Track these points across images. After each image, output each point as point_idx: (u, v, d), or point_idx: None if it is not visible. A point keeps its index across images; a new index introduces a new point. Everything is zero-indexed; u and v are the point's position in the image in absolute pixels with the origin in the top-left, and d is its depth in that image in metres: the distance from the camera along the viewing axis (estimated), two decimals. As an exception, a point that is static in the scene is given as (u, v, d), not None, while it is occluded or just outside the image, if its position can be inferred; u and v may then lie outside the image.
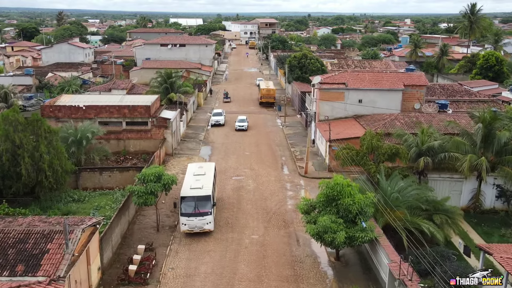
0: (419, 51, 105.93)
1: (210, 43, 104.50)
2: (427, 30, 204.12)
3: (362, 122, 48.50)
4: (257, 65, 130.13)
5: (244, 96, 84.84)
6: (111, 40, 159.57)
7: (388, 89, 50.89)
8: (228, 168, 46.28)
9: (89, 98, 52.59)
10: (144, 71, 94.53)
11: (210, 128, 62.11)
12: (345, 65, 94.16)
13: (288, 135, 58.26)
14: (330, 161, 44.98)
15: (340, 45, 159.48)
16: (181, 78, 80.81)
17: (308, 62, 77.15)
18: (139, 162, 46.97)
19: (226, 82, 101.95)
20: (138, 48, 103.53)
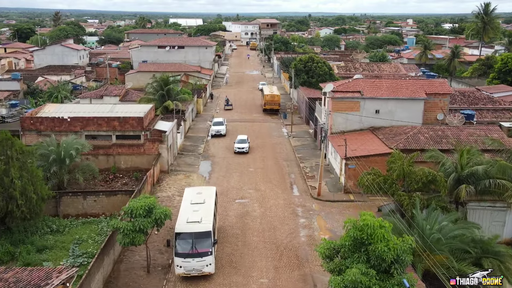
0: (429, 53, 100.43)
1: (210, 45, 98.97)
2: (432, 30, 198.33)
3: (380, 136, 42.99)
4: (259, 68, 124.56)
5: (246, 102, 79.28)
6: (108, 41, 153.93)
7: (409, 98, 45.40)
8: (231, 189, 40.77)
9: (76, 107, 47.06)
10: (140, 75, 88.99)
11: (210, 139, 56.57)
12: (352, 68, 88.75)
13: (296, 148, 52.73)
14: (346, 181, 39.47)
15: (344, 46, 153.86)
16: (179, 83, 75.46)
17: (315, 66, 71.62)
18: (130, 181, 41.49)
19: (227, 86, 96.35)
20: (135, 50, 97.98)
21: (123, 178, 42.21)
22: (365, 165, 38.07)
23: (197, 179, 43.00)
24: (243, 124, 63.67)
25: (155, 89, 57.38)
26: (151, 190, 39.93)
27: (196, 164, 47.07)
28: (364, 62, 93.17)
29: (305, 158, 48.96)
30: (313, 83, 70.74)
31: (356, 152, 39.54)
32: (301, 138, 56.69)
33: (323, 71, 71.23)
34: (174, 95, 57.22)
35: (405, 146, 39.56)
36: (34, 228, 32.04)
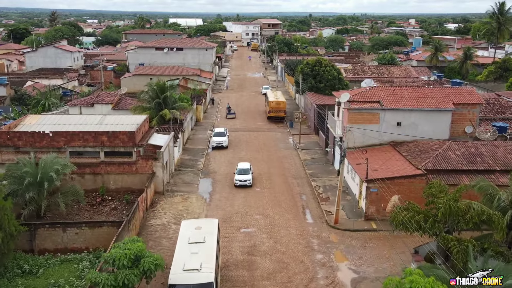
0: (440, 55, 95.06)
1: (211, 46, 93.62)
2: (437, 31, 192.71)
3: (404, 153, 37.67)
4: (261, 70, 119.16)
5: (249, 108, 73.93)
6: (105, 42, 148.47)
7: (435, 110, 40.07)
8: (235, 214, 35.44)
9: (60, 119, 41.69)
10: (137, 78, 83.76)
11: (211, 151, 51.23)
12: (360, 72, 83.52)
13: (306, 162, 47.40)
14: (368, 206, 34.15)
15: (348, 47, 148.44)
16: (177, 88, 70.14)
17: (322, 70, 66.28)
18: (120, 205, 36.16)
19: (228, 90, 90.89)
20: (131, 52, 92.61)
21: (112, 201, 36.85)
22: (390, 188, 32.88)
23: (197, 202, 37.66)
24: (247, 134, 58.36)
25: (150, 97, 52.02)
26: (143, 216, 34.60)
27: (195, 183, 41.70)
28: (373, 65, 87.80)
29: (316, 175, 43.63)
30: (321, 89, 65.47)
31: (379, 173, 34.22)
32: (310, 150, 51.35)
33: (332, 76, 65.93)
34: (171, 103, 51.88)
35: (434, 166, 34.35)
36: (2, 269, 26.78)
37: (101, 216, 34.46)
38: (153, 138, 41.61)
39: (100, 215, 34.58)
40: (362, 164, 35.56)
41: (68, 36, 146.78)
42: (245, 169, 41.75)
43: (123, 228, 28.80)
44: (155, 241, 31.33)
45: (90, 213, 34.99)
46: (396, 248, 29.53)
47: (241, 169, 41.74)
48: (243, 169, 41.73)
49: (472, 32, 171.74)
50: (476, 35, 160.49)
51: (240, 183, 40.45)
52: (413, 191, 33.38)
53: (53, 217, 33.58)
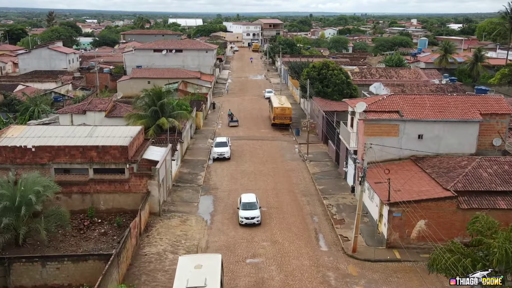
0: (450, 57, 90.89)
1: (211, 48, 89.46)
2: (441, 31, 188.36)
3: (428, 170, 33.57)
4: (263, 72, 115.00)
5: (252, 113, 69.79)
6: (102, 42, 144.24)
7: (460, 121, 35.97)
8: (239, 240, 31.35)
9: (46, 131, 37.46)
10: (134, 82, 79.77)
11: (212, 163, 47.13)
12: (368, 74, 79.48)
13: (315, 176, 43.29)
14: (390, 232, 30.05)
15: (351, 48, 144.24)
16: (176, 93, 66.07)
17: (330, 73, 62.19)
18: (111, 229, 32.09)
19: (229, 94, 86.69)
20: (128, 54, 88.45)
21: (102, 224, 32.75)
22: (415, 212, 28.81)
23: (196, 225, 33.55)
24: (250, 142, 54.25)
25: (146, 104, 47.91)
26: (136, 243, 30.50)
27: (195, 201, 37.57)
28: (380, 67, 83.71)
29: (328, 192, 39.52)
30: (329, 93, 61.39)
31: (402, 195, 30.13)
32: (319, 162, 47.22)
33: (340, 80, 61.85)
34: (169, 111, 47.78)
35: (465, 187, 30.29)
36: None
37: (88, 242, 30.43)
38: (148, 151, 37.51)
39: (88, 242, 30.54)
40: (383, 182, 31.57)
41: (65, 37, 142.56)
42: (250, 203, 34.23)
43: (112, 263, 24.72)
44: (149, 275, 27.26)
45: (77, 239, 30.92)
46: (427, 284, 25.48)
47: (245, 203, 34.20)
48: (249, 203, 34.20)
49: (477, 33, 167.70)
50: (482, 35, 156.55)
51: (246, 221, 33.10)
52: (442, 216, 29.40)
53: (34, 245, 29.59)
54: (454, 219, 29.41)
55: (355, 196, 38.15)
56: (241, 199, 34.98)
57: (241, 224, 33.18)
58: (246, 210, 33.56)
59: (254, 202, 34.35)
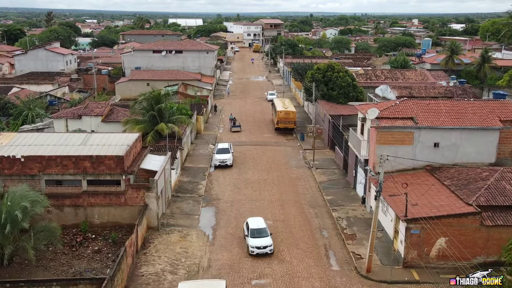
0: (456, 58, 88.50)
1: (212, 49, 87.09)
2: (444, 31, 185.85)
3: (446, 182, 31.20)
4: (264, 73, 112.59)
5: (254, 117, 67.40)
6: (101, 43, 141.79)
7: (480, 128, 33.60)
8: (244, 259, 28.95)
9: (38, 138, 35.06)
10: (133, 84, 77.47)
11: (213, 171, 44.76)
12: (373, 76, 77.09)
13: (322, 185, 40.91)
14: (407, 251, 27.66)
15: (354, 49, 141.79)
16: (176, 95, 63.72)
17: (335, 76, 59.84)
18: (105, 246, 29.72)
19: (230, 96, 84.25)
20: (127, 55, 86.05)
21: (96, 240, 30.38)
22: (435, 229, 26.44)
23: (197, 240, 31.17)
24: (253, 148, 51.88)
25: (145, 109, 45.53)
26: (133, 262, 28.14)
27: (196, 214, 35.18)
28: (386, 69, 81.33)
29: (337, 203, 37.15)
30: (334, 96, 59.05)
31: (420, 210, 27.77)
32: (326, 170, 44.83)
33: (346, 82, 59.51)
34: (168, 116, 45.40)
35: (488, 201, 27.94)
36: None
37: (81, 261, 28.06)
38: (146, 160, 35.13)
39: (80, 260, 28.17)
40: (397, 195, 29.25)
41: (63, 37, 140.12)
42: (260, 229, 29.63)
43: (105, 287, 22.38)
44: (146, 300, 24.91)
45: (68, 257, 28.55)
46: (450, 311, 23.11)
47: (254, 229, 29.55)
48: (258, 229, 29.58)
49: (480, 33, 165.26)
50: (486, 35, 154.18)
51: (258, 251, 28.56)
52: (464, 233, 27.05)
53: (21, 264, 27.22)
54: (477, 237, 27.08)
55: (366, 207, 35.81)
56: (248, 224, 30.48)
57: (251, 254, 28.90)
58: (256, 237, 29.11)
59: (265, 228, 30.04)
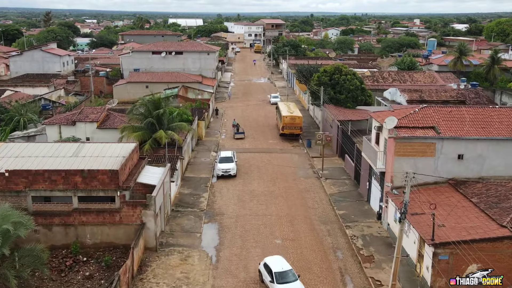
0: (465, 59, 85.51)
1: (213, 50, 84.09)
2: (447, 31, 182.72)
3: (473, 198, 28.21)
4: (266, 74, 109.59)
5: (257, 121, 64.39)
6: (100, 44, 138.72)
7: (508, 139, 30.63)
8: (251, 285, 25.96)
9: (25, 149, 32.05)
10: (131, 86, 74.63)
11: (216, 181, 41.78)
12: (380, 78, 74.25)
13: (333, 197, 37.93)
14: (435, 278, 24.68)
15: (357, 49, 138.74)
16: (176, 99, 60.82)
17: (343, 78, 56.93)
18: (98, 270, 26.75)
19: (232, 98, 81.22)
20: (125, 56, 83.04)
21: (87, 264, 27.40)
22: (466, 254, 23.45)
23: (200, 263, 28.18)
24: (258, 156, 48.89)
25: (143, 115, 42.55)
26: (128, 289, 25.16)
27: (198, 231, 32.19)
28: (393, 70, 78.33)
29: (350, 218, 34.16)
30: (342, 100, 56.17)
31: (448, 232, 24.76)
32: (336, 180, 41.85)
33: (354, 86, 56.61)
34: (167, 122, 42.41)
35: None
36: None
37: (70, 289, 25.09)
38: (144, 173, 32.18)
39: (69, 288, 25.21)
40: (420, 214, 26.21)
41: (61, 38, 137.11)
42: (285, 272, 24.73)
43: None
44: (142, 337, 21.92)
45: (56, 283, 25.61)
46: None
47: (279, 273, 24.57)
48: (283, 272, 24.68)
49: (485, 33, 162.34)
50: (491, 36, 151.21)
51: None
52: (499, 259, 23.96)
53: (4, 293, 24.22)
54: (513, 263, 24.10)
55: (383, 224, 32.83)
56: (270, 267, 25.16)
57: None
58: (284, 283, 24.28)
59: (291, 270, 25.03)
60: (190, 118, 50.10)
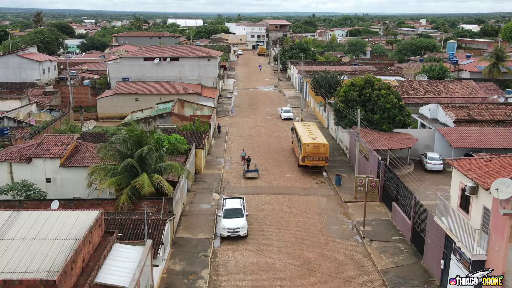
0: (502, 65, 73.74)
1: (214, 55, 72.01)
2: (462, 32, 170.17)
3: None
4: (273, 81, 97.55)
5: (269, 145, 52.33)
6: (91, 46, 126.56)
7: None
8: None
9: None
10: (118, 99, 62.95)
11: (219, 245, 29.83)
12: (410, 89, 62.73)
13: (388, 276, 25.95)
14: None
15: (369, 53, 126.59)
16: (169, 118, 49.14)
17: (376, 94, 45.07)
18: None
19: (237, 111, 69.28)
20: (112, 63, 71.00)
21: None
22: None
23: None
24: (273, 199, 36.87)
25: (119, 154, 30.62)
26: None
27: None
28: (424, 80, 66.47)
29: (423, 321, 22.22)
30: (375, 122, 44.35)
31: None
32: (386, 243, 29.84)
33: (391, 103, 44.73)
34: (153, 162, 30.47)
35: None
36: None
37: None
38: (109, 262, 20.24)
39: None
40: None
41: (50, 40, 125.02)
42: None
43: None
44: None
45: None
46: None
47: None
48: None
49: (502, 34, 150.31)
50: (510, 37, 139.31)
51: None
52: None
53: None
54: None
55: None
56: None
57: None
58: None
59: None
60: (185, 147, 38.14)
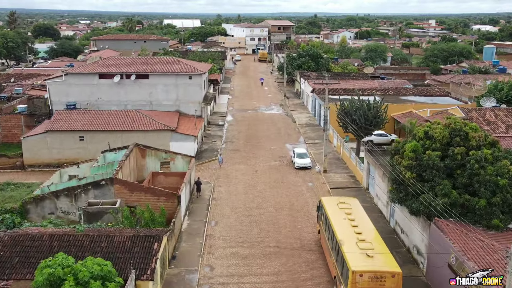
0: None
1: (198, 72, 50.00)
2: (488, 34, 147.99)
3: None
4: (278, 98, 75.79)
5: (279, 229, 30.84)
6: (61, 52, 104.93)
7: None
8: None
9: None
10: (54, 138, 41.67)
11: None
12: (483, 123, 41.63)
13: None
14: None
15: (390, 59, 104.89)
16: (111, 186, 27.59)
17: (474, 158, 23.69)
18: None
19: (228, 152, 47.62)
20: (54, 82, 49.28)
21: None
22: None
23: None
24: None
25: None
26: None
27: None
28: (495, 106, 45.07)
29: None
30: (478, 210, 23.01)
31: None
32: None
33: (508, 174, 23.37)
34: None
35: None
36: None
37: None
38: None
39: None
40: None
41: (15, 44, 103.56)
42: None
43: None
44: None
45: None
46: None
47: None
48: None
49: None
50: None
51: None
52: None
53: None
54: None
55: None
56: None
57: None
58: None
59: None
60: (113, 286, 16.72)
